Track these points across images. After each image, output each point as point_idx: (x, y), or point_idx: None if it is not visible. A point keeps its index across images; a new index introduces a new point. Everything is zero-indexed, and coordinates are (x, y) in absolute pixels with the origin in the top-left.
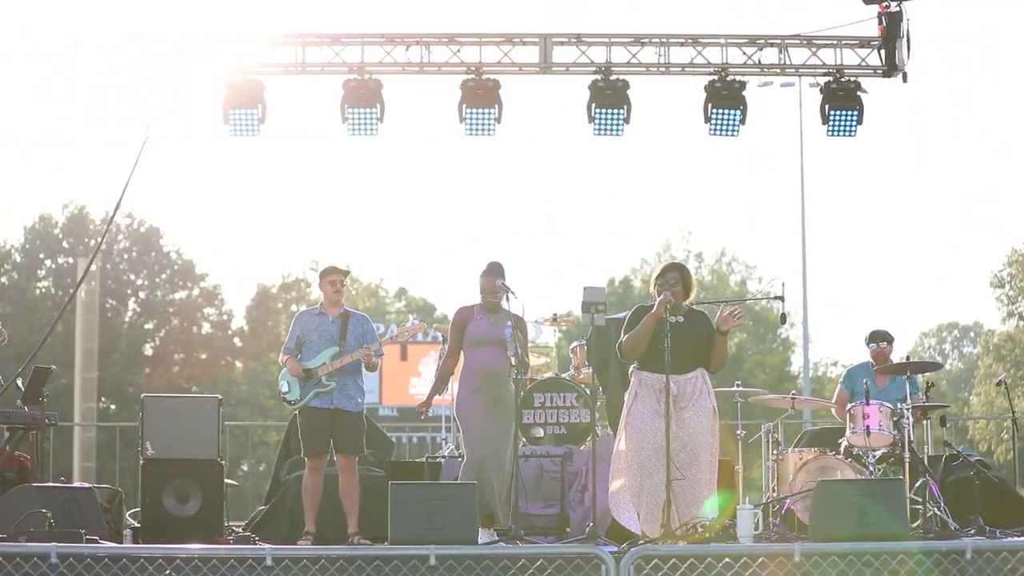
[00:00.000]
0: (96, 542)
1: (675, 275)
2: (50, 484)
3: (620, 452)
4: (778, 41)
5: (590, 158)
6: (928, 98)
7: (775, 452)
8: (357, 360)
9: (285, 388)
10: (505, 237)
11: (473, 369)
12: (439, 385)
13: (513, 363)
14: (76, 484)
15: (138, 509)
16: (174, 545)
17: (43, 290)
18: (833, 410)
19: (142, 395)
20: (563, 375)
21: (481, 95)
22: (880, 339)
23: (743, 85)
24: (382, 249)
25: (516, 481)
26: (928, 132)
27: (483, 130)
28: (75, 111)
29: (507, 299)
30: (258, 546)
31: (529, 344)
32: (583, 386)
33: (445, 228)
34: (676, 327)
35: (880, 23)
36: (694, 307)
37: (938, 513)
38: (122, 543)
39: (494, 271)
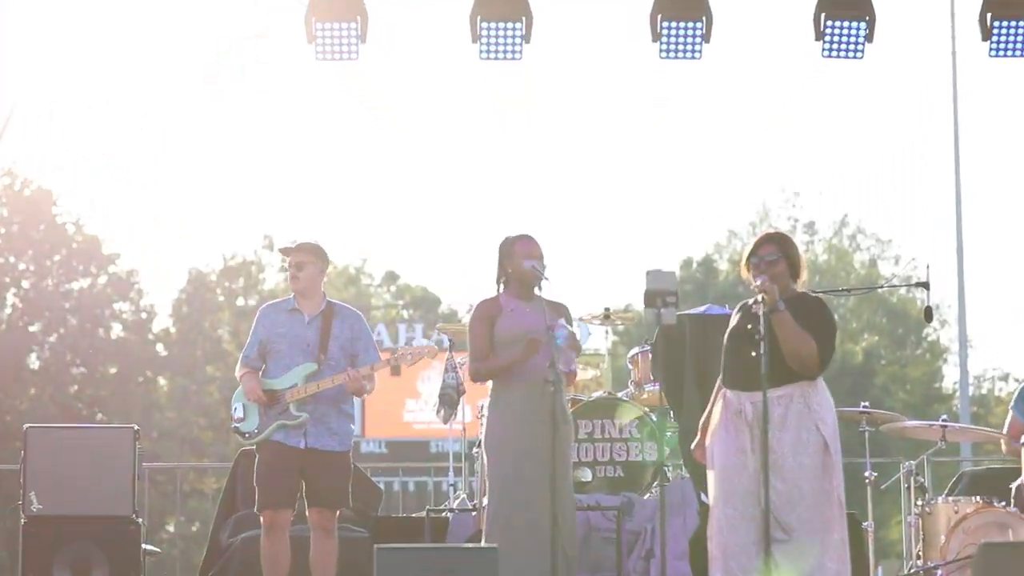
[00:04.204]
0: None
1: (773, 249)
2: None
3: (711, 504)
4: None
5: (653, 93)
6: None
7: (920, 502)
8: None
9: (239, 414)
10: (532, 207)
11: (516, 381)
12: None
13: (557, 370)
14: None
15: None
16: None
17: None
18: (1003, 443)
19: (24, 426)
20: (619, 394)
21: (502, 4)
22: None
23: None
24: (364, 222)
25: (555, 543)
26: None
27: (504, 52)
28: None
29: (539, 286)
30: None
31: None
32: (647, 409)
33: (450, 195)
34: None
35: None
36: (803, 292)
37: None
38: None
39: (533, 248)
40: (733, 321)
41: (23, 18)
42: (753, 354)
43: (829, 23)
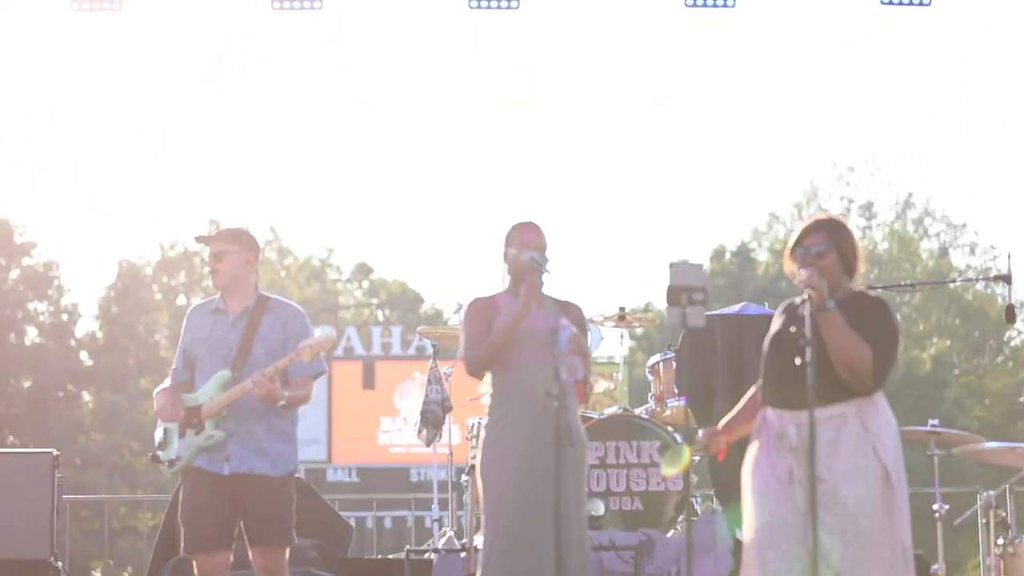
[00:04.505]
0: None
1: (822, 238)
2: None
3: (746, 542)
4: None
5: (680, 54)
6: None
7: (1001, 541)
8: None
9: (160, 438)
10: (533, 190)
11: (514, 390)
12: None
13: (561, 381)
14: None
15: None
16: None
17: None
18: None
19: None
20: (637, 410)
21: None
22: None
23: None
24: (330, 205)
25: None
26: None
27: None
28: None
29: (540, 281)
30: None
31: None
32: (670, 429)
33: (433, 175)
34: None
35: None
36: (859, 290)
37: None
38: None
39: (533, 238)
40: (775, 324)
41: None
42: (797, 361)
43: None
